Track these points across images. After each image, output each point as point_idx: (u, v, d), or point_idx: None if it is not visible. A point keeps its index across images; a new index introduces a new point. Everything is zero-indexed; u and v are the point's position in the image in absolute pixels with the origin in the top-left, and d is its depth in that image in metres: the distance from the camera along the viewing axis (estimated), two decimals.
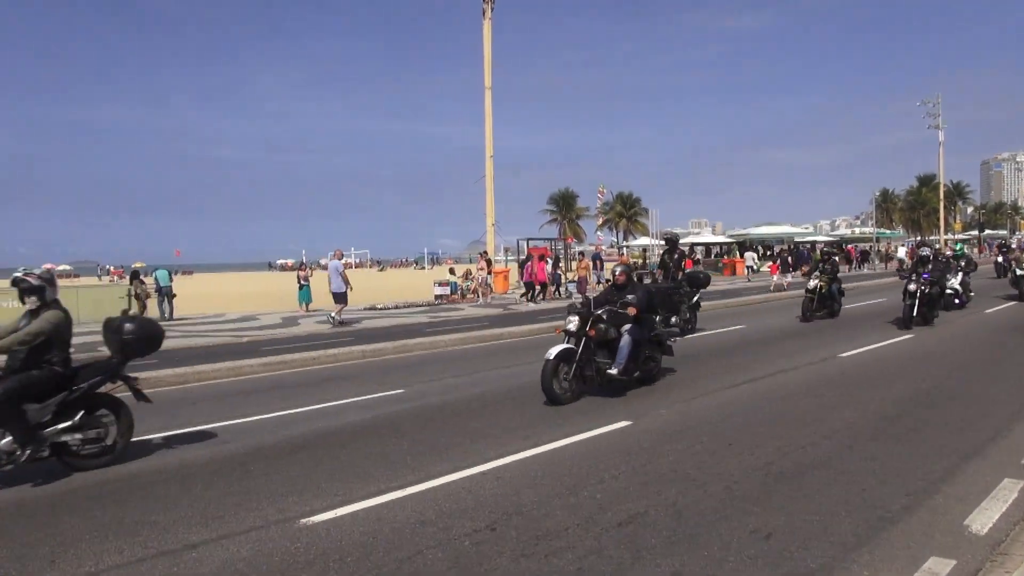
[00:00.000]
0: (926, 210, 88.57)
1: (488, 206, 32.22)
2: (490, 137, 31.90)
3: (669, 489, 5.70)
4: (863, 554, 4.46)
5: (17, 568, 4.60)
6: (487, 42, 31.50)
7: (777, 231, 59.40)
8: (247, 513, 5.42)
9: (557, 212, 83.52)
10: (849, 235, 78.50)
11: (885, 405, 8.37)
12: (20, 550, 4.86)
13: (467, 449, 6.99)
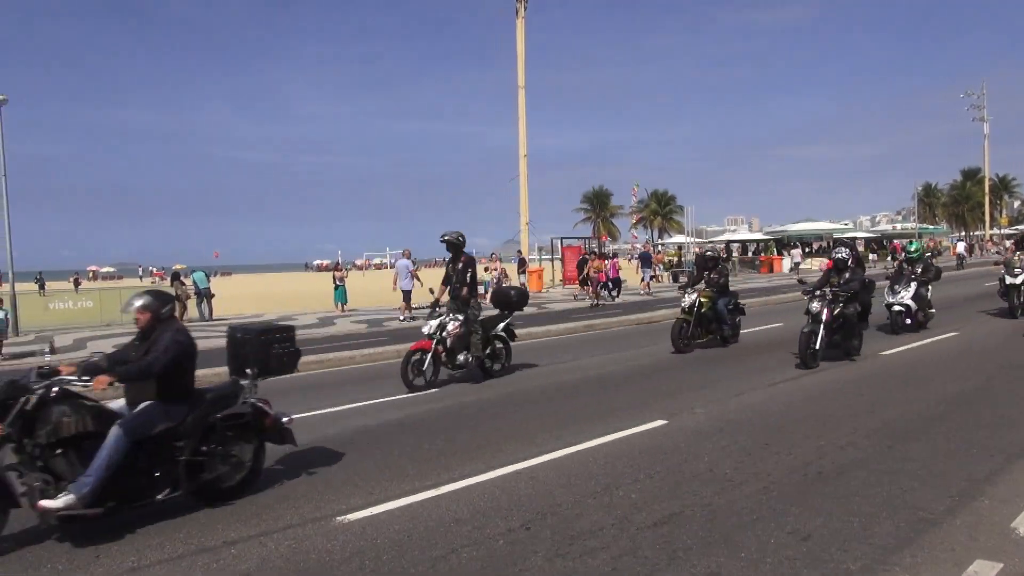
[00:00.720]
0: (970, 204, 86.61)
1: (522, 205, 32.24)
2: (523, 136, 31.91)
3: (705, 489, 5.65)
4: (904, 556, 4.37)
5: (64, 563, 4.72)
6: (520, 41, 31.51)
7: (815, 227, 58.45)
8: (285, 511, 5.50)
9: (591, 210, 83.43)
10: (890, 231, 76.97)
11: (928, 405, 8.20)
12: (67, 546, 4.99)
13: (501, 448, 7.01)
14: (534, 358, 13.08)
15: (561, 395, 9.55)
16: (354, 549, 4.75)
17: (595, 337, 16.32)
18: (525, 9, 31.24)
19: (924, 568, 4.23)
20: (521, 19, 31.26)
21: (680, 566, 4.35)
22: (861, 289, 11.47)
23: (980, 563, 4.22)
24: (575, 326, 17.69)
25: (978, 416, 7.61)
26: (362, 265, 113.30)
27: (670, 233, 76.36)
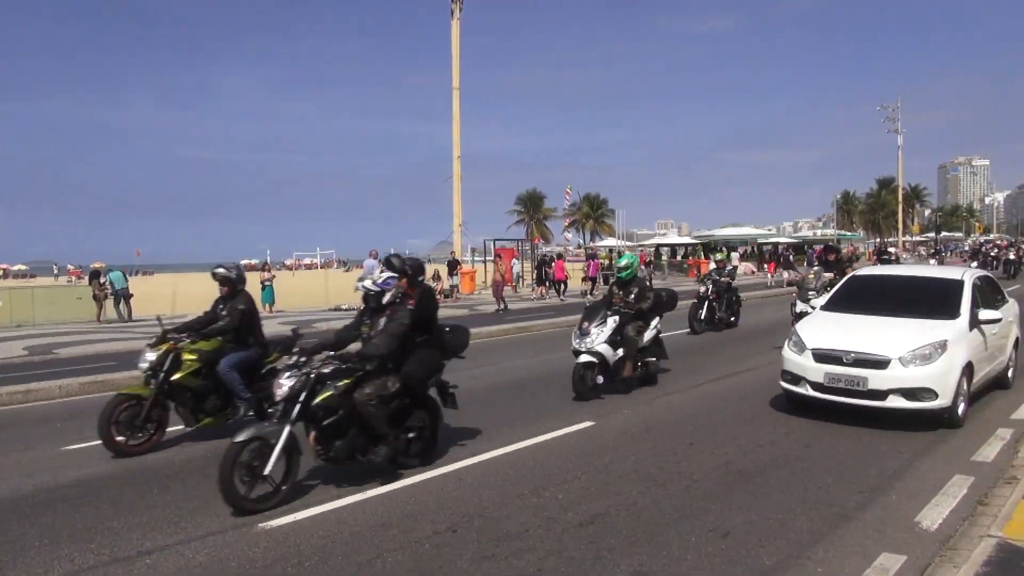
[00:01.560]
0: (885, 212, 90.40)
1: (455, 207, 32.11)
2: (458, 137, 31.81)
3: (630, 489, 5.74)
4: (818, 551, 4.54)
5: None
6: (455, 42, 31.40)
7: (741, 232, 60.11)
8: (205, 518, 5.34)
9: (524, 213, 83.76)
10: (811, 237, 79.83)
11: None
12: None
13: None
14: (466, 361, 13.04)
15: (492, 397, 9.55)
16: (276, 556, 4.65)
17: (529, 339, 16.40)
18: (460, 11, 31.18)
19: (835, 562, 4.40)
20: (456, 20, 31.18)
21: (604, 565, 4.42)
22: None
23: (886, 556, 4.42)
24: (508, 328, 17.72)
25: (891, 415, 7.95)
26: (292, 265, 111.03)
27: (601, 236, 77.35)
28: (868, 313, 8.19)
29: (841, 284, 9.57)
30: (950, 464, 6.18)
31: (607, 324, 9.12)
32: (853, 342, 7.42)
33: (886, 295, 8.80)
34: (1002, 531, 4.56)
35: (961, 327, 7.65)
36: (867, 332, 7.65)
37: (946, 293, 8.25)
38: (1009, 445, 6.67)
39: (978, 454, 6.46)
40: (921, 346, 7.17)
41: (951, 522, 4.95)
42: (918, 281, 9.22)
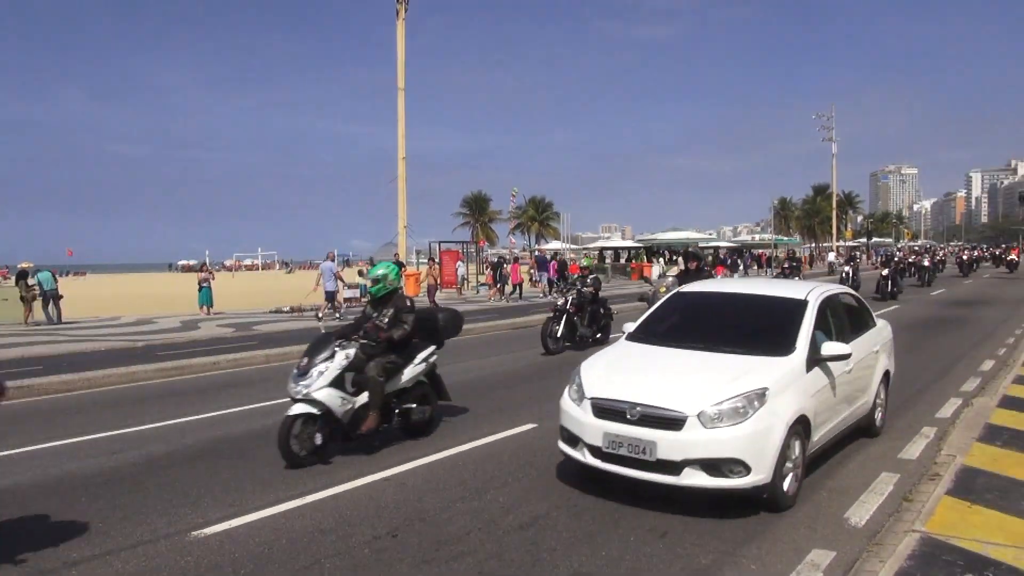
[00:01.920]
0: (820, 218, 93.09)
1: (400, 208, 31.87)
2: (403, 138, 31.59)
3: (572, 491, 5.79)
4: (752, 548, 4.65)
5: None
6: (400, 43, 31.20)
7: (683, 236, 61.19)
8: (135, 527, 5.18)
9: (470, 215, 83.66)
10: (750, 241, 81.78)
11: None
12: None
13: (371, 455, 6.90)
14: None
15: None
16: (209, 565, 4.54)
17: (471, 342, 16.37)
18: (406, 11, 31.00)
19: (768, 559, 4.52)
20: (401, 20, 30.98)
21: (544, 567, 4.44)
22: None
23: (816, 552, 4.56)
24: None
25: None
26: (232, 266, 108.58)
27: (547, 239, 77.76)
28: (681, 345, 6.18)
29: (657, 305, 7.37)
30: (878, 462, 6.41)
31: (334, 360, 6.82)
32: (644, 389, 5.38)
33: (709, 321, 6.79)
34: (925, 526, 4.75)
35: (793, 367, 5.63)
36: (667, 375, 5.64)
37: (782, 320, 6.26)
38: (933, 443, 6.95)
39: (904, 452, 6.71)
40: (730, 397, 5.14)
41: (878, 518, 5.13)
42: (752, 302, 6.96)
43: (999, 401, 8.32)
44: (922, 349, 13.33)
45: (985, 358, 11.96)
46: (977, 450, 6.43)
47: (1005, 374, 10.11)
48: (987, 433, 6.97)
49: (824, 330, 6.28)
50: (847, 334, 6.65)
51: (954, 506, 5.11)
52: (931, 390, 9.49)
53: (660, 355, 6.14)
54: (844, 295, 7.51)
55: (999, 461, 6.10)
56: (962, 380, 10.08)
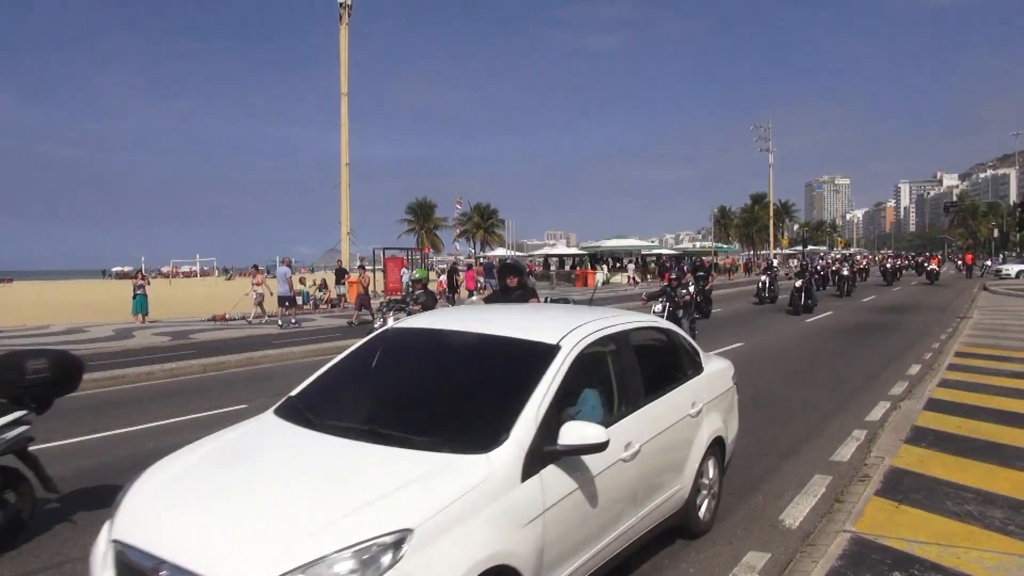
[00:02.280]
0: (758, 226, 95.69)
1: (343, 214, 31.57)
2: (346, 144, 31.31)
3: None
4: (690, 552, 4.73)
5: None
6: (344, 48, 30.95)
7: (626, 244, 62.07)
8: (41, 552, 4.98)
9: (415, 222, 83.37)
10: (691, 248, 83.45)
11: None
12: None
13: None
14: None
15: None
16: None
17: None
18: (349, 16, 30.77)
19: (706, 562, 4.60)
20: (344, 26, 30.74)
21: None
22: None
23: (752, 554, 4.66)
24: None
25: (760, 419, 8.39)
26: (169, 273, 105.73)
27: (492, 246, 78.00)
28: (340, 427, 3.69)
29: (345, 353, 4.89)
30: (811, 465, 6.59)
31: None
32: (192, 529, 2.95)
33: (399, 382, 4.44)
34: (855, 526, 4.90)
35: (491, 477, 3.17)
36: (252, 496, 3.14)
37: (507, 381, 3.88)
38: (863, 445, 7.18)
39: (836, 454, 6.91)
40: (325, 556, 2.67)
41: (811, 519, 5.27)
42: (476, 349, 4.25)
43: (925, 404, 8.65)
44: (854, 354, 13.79)
45: (912, 362, 12.42)
46: (904, 451, 6.67)
47: (931, 378, 10.52)
48: (914, 435, 7.23)
49: (600, 389, 4.15)
50: (640, 393, 4.36)
51: (882, 506, 5.28)
52: (862, 394, 9.80)
53: (285, 448, 3.63)
54: (643, 330, 4.93)
55: (925, 462, 6.34)
56: (891, 384, 10.44)
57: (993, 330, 16.68)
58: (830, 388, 10.30)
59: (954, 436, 7.16)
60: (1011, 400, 8.73)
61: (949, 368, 11.24)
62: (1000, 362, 11.70)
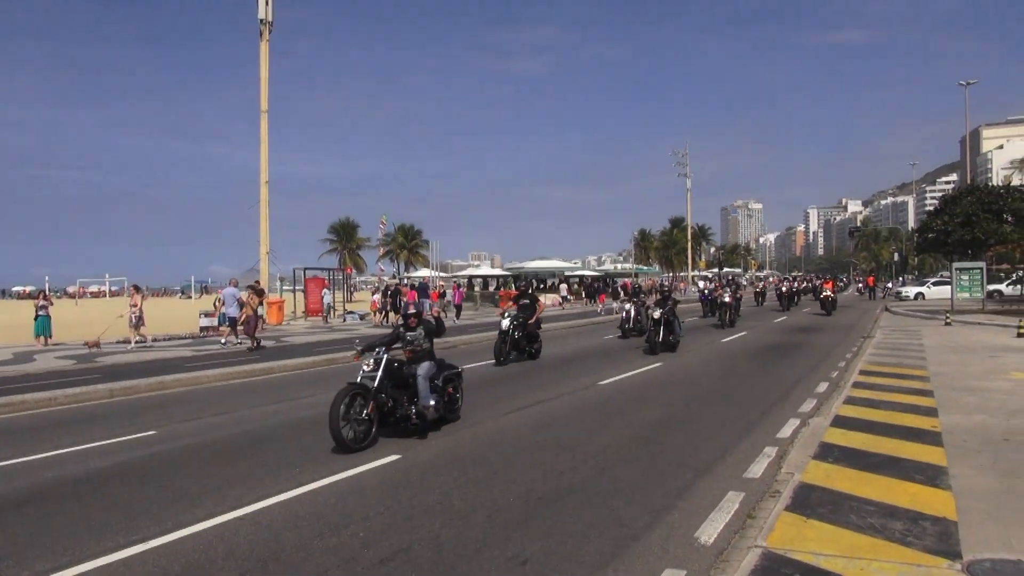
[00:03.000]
0: (677, 249, 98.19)
1: (263, 233, 30.86)
2: (266, 162, 30.70)
3: (433, 522, 5.74)
4: (608, 571, 4.77)
5: None
6: (264, 64, 30.43)
7: (549, 265, 62.74)
8: None
9: (337, 241, 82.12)
10: (613, 270, 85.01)
11: (638, 429, 9.08)
12: None
13: (224, 494, 6.56)
14: (273, 394, 12.50)
15: (295, 434, 9.19)
16: None
17: (338, 371, 15.98)
18: (270, 33, 30.30)
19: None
20: (265, 42, 30.25)
21: None
22: None
23: (669, 572, 4.74)
24: (316, 359, 17.18)
25: (676, 438, 8.59)
26: (76, 293, 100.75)
27: (416, 266, 77.51)
28: None
29: None
30: (725, 481, 6.76)
31: None
32: None
33: None
34: (766, 541, 5.05)
35: None
36: None
37: None
38: (774, 462, 7.42)
39: (749, 471, 7.12)
40: None
41: (725, 535, 5.40)
42: None
43: (832, 421, 9.02)
44: (766, 373, 14.28)
45: (820, 380, 12.94)
46: (813, 467, 6.93)
47: (837, 395, 10.98)
48: (821, 451, 7.52)
49: None
50: None
51: (792, 521, 5.46)
52: (773, 412, 10.14)
53: None
54: None
55: (831, 477, 6.59)
56: (800, 402, 10.85)
57: (894, 349, 17.56)
58: (745, 406, 10.61)
59: (858, 451, 7.48)
60: (910, 416, 9.19)
61: (854, 386, 11.76)
62: (900, 379, 12.32)
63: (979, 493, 6.01)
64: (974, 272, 31.79)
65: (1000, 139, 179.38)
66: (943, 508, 5.66)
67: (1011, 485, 6.22)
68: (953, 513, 5.54)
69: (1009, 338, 19.29)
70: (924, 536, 5.08)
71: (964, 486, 6.20)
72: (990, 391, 10.95)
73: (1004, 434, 8.09)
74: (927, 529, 5.22)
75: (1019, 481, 6.32)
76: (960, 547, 4.86)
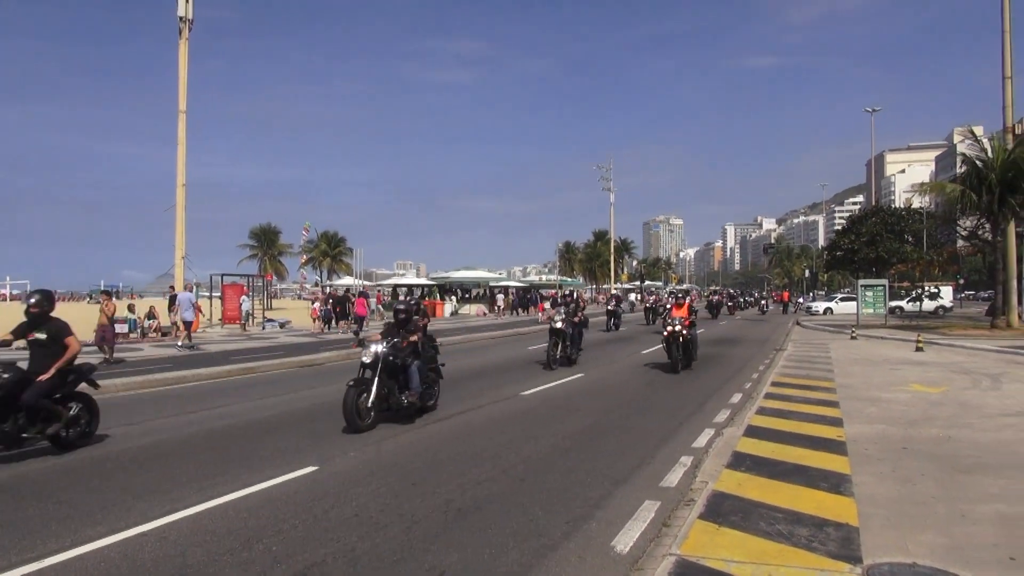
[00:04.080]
0: (600, 262, 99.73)
1: (178, 237, 29.75)
2: (183, 164, 29.65)
3: (350, 535, 5.63)
4: None
5: None
6: (183, 63, 29.45)
7: (475, 275, 62.77)
8: None
9: (258, 247, 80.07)
10: (538, 281, 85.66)
11: (558, 439, 9.15)
12: None
13: (129, 508, 6.27)
14: (183, 405, 12.03)
15: (208, 444, 8.88)
16: None
17: (255, 380, 15.54)
18: (190, 31, 29.38)
19: None
20: (184, 41, 29.30)
21: None
22: None
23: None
24: (232, 368, 16.66)
25: (596, 448, 8.69)
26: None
27: (339, 274, 76.25)
28: None
29: None
30: (642, 490, 6.88)
31: None
32: None
33: None
34: (680, 549, 5.16)
35: None
36: None
37: None
38: (689, 471, 7.59)
39: (665, 480, 7.26)
40: None
41: (641, 544, 5.48)
42: None
43: (744, 431, 9.30)
44: (684, 384, 14.62)
45: (735, 391, 13.34)
46: (726, 476, 7.12)
47: (750, 406, 11.34)
48: (734, 460, 7.75)
49: None
50: None
51: (705, 529, 5.60)
52: (690, 422, 10.39)
53: None
54: None
55: (743, 485, 6.79)
56: (715, 412, 11.15)
57: (803, 361, 18.27)
58: (663, 416, 10.83)
59: (768, 460, 7.73)
60: (816, 425, 9.57)
61: (766, 397, 12.16)
62: (809, 391, 12.81)
63: (879, 499, 6.30)
64: (878, 289, 33.46)
65: (902, 163, 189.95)
66: (846, 514, 5.90)
67: (908, 492, 6.54)
68: (855, 519, 5.78)
69: (909, 351, 20.35)
70: (828, 542, 5.29)
71: (865, 493, 6.49)
72: (891, 402, 11.51)
73: (903, 443, 8.51)
74: (831, 535, 5.43)
75: (916, 488, 6.65)
76: (861, 552, 5.08)
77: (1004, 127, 29.24)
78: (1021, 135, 29.74)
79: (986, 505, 6.12)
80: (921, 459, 7.71)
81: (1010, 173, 26.07)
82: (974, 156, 28.29)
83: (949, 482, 6.83)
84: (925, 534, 5.44)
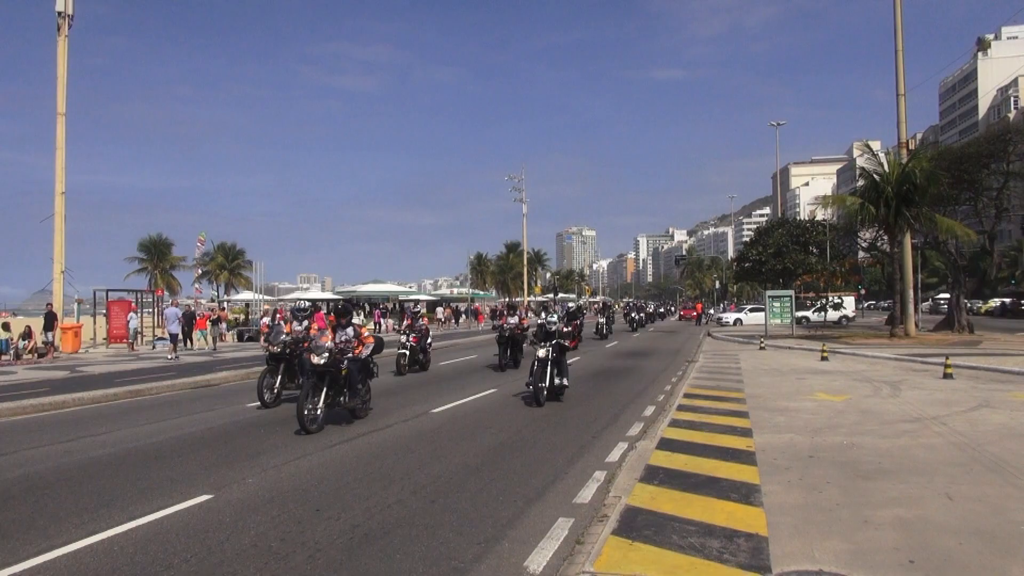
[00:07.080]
0: (513, 274, 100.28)
1: (57, 250, 27.82)
2: (61, 170, 27.82)
3: (247, 567, 5.24)
4: None
5: None
6: (62, 62, 27.70)
7: (384, 289, 61.88)
8: None
9: (148, 260, 76.21)
10: (449, 295, 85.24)
11: (469, 457, 8.92)
12: None
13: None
14: (62, 432, 11.16)
15: (89, 475, 8.21)
16: None
17: (143, 404, 14.61)
18: (69, 27, 27.71)
19: None
20: (64, 38, 27.59)
21: None
22: None
23: None
24: (118, 391, 15.63)
25: (508, 465, 8.51)
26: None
27: (237, 289, 73.49)
28: None
29: None
30: (555, 508, 6.74)
31: None
32: None
33: None
34: (593, 566, 5.03)
35: None
36: None
37: None
38: (603, 486, 7.51)
39: (578, 496, 7.15)
40: None
41: (554, 563, 5.33)
42: None
43: (657, 443, 9.32)
44: (598, 396, 14.65)
45: (648, 404, 13.44)
46: (639, 490, 7.07)
47: (663, 418, 11.43)
48: (647, 473, 7.72)
49: None
50: None
51: (619, 545, 5.49)
52: (603, 436, 10.36)
53: None
54: None
55: (656, 499, 6.75)
56: (629, 425, 11.17)
57: (715, 372, 18.69)
58: (576, 430, 10.77)
59: (681, 472, 7.74)
60: (727, 436, 9.70)
61: (678, 409, 12.30)
62: (720, 402, 13.05)
63: (787, 508, 6.37)
64: (784, 300, 34.73)
65: (806, 176, 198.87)
66: (756, 524, 5.92)
67: (814, 499, 6.64)
68: (764, 529, 5.81)
69: (814, 361, 21.14)
70: (738, 553, 5.27)
71: (774, 502, 6.55)
72: (798, 411, 11.83)
73: (809, 451, 8.70)
74: (741, 546, 5.42)
75: (821, 495, 6.77)
76: (770, 561, 5.08)
77: (899, 142, 31.04)
78: (915, 150, 31.57)
79: (887, 510, 6.27)
80: (826, 466, 7.89)
81: (905, 187, 27.43)
82: (871, 170, 29.70)
83: (852, 488, 6.99)
84: (831, 541, 5.50)
